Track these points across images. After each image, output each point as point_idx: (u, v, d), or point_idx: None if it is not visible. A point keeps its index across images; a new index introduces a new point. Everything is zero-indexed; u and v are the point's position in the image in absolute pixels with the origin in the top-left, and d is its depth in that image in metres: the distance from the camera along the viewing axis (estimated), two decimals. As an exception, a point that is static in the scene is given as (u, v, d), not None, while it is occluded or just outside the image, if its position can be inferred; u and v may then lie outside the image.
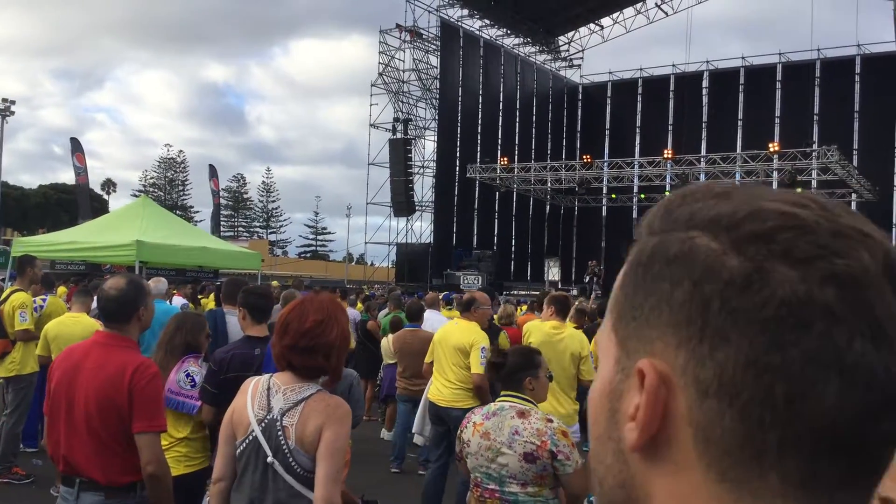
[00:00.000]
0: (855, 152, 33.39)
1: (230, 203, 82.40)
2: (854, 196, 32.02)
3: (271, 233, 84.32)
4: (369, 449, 8.79)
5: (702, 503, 0.54)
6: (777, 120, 36.44)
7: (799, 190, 0.56)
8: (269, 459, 2.61)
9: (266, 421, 2.65)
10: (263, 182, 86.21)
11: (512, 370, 3.60)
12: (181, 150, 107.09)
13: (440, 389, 6.51)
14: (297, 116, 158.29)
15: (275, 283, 19.71)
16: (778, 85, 37.09)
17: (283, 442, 2.61)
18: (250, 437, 2.66)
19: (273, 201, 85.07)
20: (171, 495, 3.17)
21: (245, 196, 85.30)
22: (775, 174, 30.12)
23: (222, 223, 68.11)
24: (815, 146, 28.02)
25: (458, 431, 3.65)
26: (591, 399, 0.62)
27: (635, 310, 0.58)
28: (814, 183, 32.62)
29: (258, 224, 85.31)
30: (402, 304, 11.13)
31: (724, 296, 0.52)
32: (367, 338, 11.05)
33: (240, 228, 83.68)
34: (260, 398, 2.70)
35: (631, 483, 0.58)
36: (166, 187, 79.96)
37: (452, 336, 6.51)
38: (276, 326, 2.77)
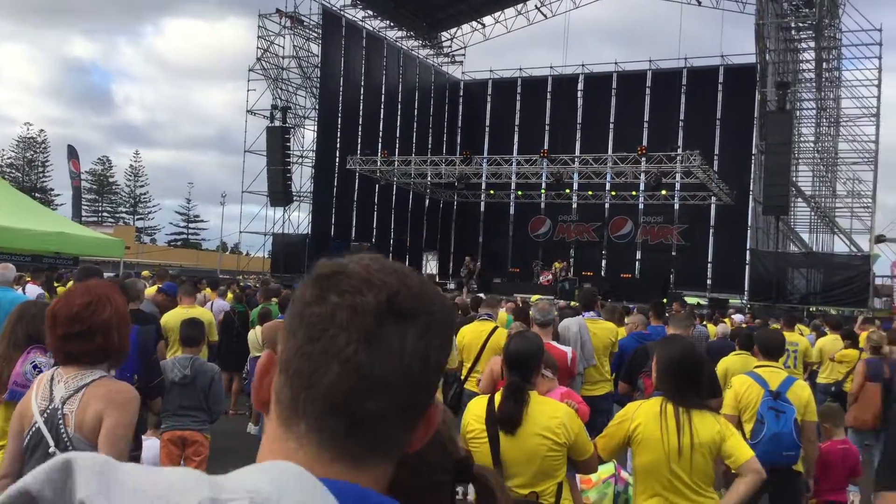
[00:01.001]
0: (716, 158, 35.32)
1: (94, 187, 78.29)
2: (714, 199, 33.91)
3: (139, 219, 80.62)
4: (235, 444, 8.55)
5: (272, 442, 0.84)
6: (646, 124, 38.07)
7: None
8: (52, 450, 2.54)
9: (48, 411, 2.58)
10: (131, 166, 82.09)
11: None
12: (42, 130, 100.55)
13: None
14: (169, 98, 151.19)
15: (145, 272, 18.88)
16: (647, 91, 38.75)
17: (63, 431, 2.55)
18: (34, 429, 2.59)
19: (141, 186, 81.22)
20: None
21: (111, 180, 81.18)
22: (643, 176, 31.49)
23: (85, 208, 64.57)
24: (679, 150, 29.45)
25: None
26: None
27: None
28: (677, 185, 34.35)
29: (125, 210, 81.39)
30: (276, 295, 10.90)
31: (299, 309, 0.85)
32: (245, 329, 10.74)
33: (104, 214, 79.54)
34: (43, 389, 2.63)
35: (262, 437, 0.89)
36: (25, 168, 74.94)
37: None
38: (46, 321, 2.68)
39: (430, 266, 39.54)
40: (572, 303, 16.14)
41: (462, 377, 7.38)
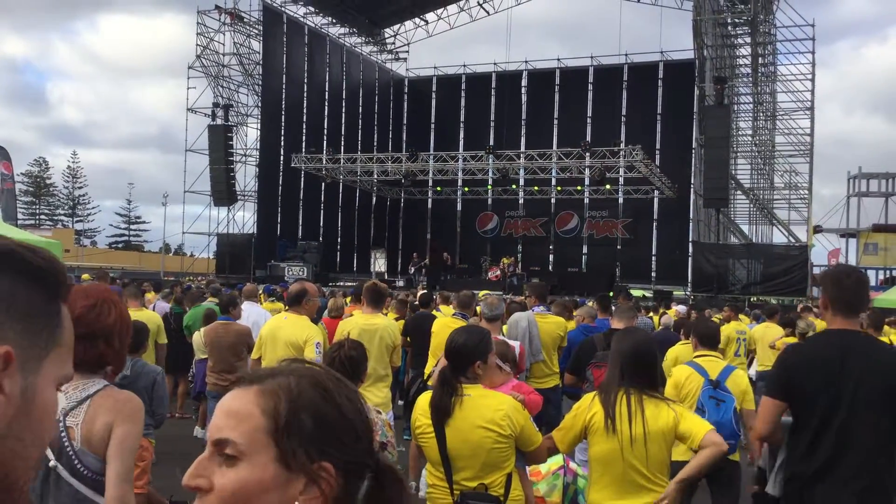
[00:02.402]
0: (657, 152, 35.94)
1: (31, 189, 75.99)
2: (656, 193, 34.49)
3: (78, 221, 78.52)
4: (181, 447, 8.37)
5: None
6: (589, 120, 38.53)
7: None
8: (52, 463, 2.38)
9: None
10: (69, 167, 79.74)
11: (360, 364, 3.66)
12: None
13: (269, 388, 6.29)
14: (107, 97, 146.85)
15: (85, 276, 18.37)
16: (590, 87, 39.20)
17: (66, 444, 2.39)
18: None
19: (80, 187, 79.08)
20: None
21: (48, 181, 78.84)
22: (587, 171, 31.85)
23: (22, 210, 62.61)
24: (621, 146, 29.85)
25: None
26: None
27: None
28: (621, 180, 34.86)
29: (63, 212, 79.20)
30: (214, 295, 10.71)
31: None
32: (181, 331, 10.52)
33: (42, 216, 77.28)
34: None
35: None
36: (-46, 170, 72.30)
37: (283, 331, 6.14)
38: None
39: (379, 263, 39.31)
40: (521, 297, 16.21)
41: (427, 375, 7.34)
